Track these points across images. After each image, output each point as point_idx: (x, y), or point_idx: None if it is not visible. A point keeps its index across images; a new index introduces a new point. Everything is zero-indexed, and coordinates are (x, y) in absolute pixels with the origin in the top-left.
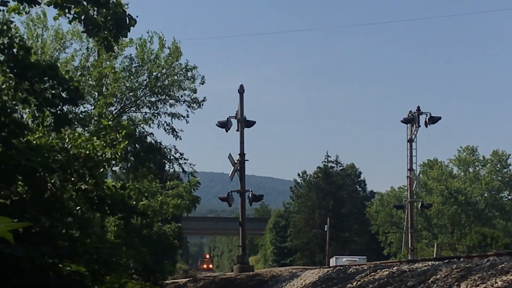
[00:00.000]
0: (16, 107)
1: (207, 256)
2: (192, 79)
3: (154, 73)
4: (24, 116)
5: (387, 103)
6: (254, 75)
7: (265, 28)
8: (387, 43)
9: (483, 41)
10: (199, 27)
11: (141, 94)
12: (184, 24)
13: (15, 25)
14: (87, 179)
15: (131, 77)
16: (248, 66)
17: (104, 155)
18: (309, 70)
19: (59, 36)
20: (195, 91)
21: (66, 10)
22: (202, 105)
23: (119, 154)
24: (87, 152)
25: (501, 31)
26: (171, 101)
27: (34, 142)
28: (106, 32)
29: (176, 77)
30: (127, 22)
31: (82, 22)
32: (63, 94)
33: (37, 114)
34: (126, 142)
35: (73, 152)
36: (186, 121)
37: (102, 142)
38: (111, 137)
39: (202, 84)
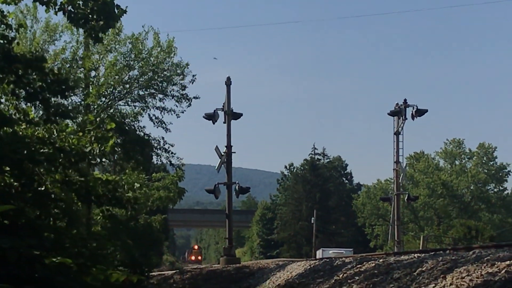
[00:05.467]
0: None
1: (196, 247)
2: (182, 75)
3: (146, 69)
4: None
5: (374, 95)
6: (241, 67)
7: (253, 20)
8: (374, 36)
9: (469, 34)
10: (186, 18)
11: (131, 88)
12: (171, 15)
13: (5, 16)
14: (73, 171)
15: (123, 71)
16: (236, 58)
17: (92, 150)
18: (296, 62)
19: (50, 28)
20: (184, 87)
21: (52, 4)
22: (191, 102)
23: (107, 150)
24: (73, 146)
25: (487, 24)
26: (160, 96)
27: (20, 133)
28: (93, 23)
29: (167, 73)
30: (116, 12)
31: (67, 14)
32: (52, 87)
33: (24, 106)
34: (114, 139)
35: (59, 145)
36: (177, 115)
37: (88, 138)
38: (98, 134)
39: (192, 83)
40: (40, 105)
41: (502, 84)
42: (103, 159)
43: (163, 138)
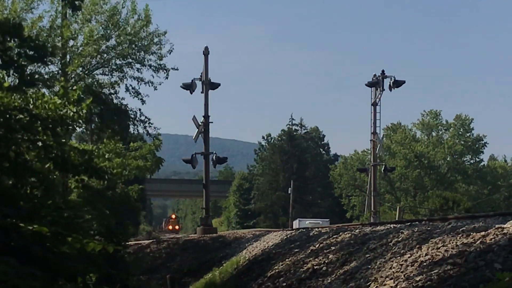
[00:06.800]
0: None
1: (173, 216)
2: (159, 45)
3: (123, 38)
4: None
5: (352, 66)
6: (219, 37)
7: None
8: (353, 7)
9: (447, 6)
10: None
11: (108, 57)
12: None
13: None
14: (49, 138)
15: (100, 40)
16: (214, 27)
17: (67, 112)
18: (275, 33)
19: None
20: (161, 57)
21: None
22: (169, 73)
23: (83, 111)
24: (49, 113)
25: None
26: (138, 65)
27: None
28: None
29: (144, 42)
30: None
31: None
32: (30, 53)
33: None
34: (90, 99)
35: (35, 112)
36: (155, 88)
37: (63, 101)
38: (71, 98)
39: (170, 53)
40: (14, 73)
41: (479, 56)
42: (80, 122)
43: (139, 109)
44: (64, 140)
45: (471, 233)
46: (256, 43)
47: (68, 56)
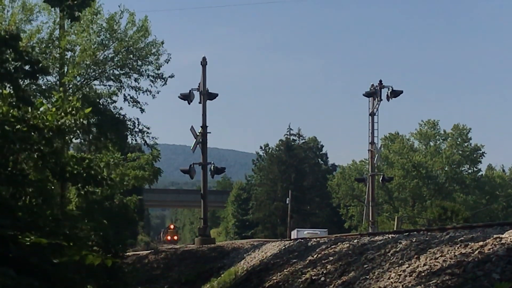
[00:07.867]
0: None
1: (172, 226)
2: (156, 55)
3: (121, 48)
4: None
5: (349, 76)
6: (217, 48)
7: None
8: (350, 16)
9: (443, 15)
10: None
11: (106, 67)
12: None
13: None
14: (46, 148)
15: (98, 50)
16: (212, 38)
17: (66, 122)
18: (273, 43)
19: (26, 8)
20: (158, 67)
21: None
22: (167, 81)
23: (80, 121)
24: (46, 123)
25: (462, 6)
26: (135, 75)
27: None
28: (69, 2)
29: (142, 52)
30: None
31: None
32: (26, 67)
33: None
34: (90, 109)
35: (33, 122)
36: (153, 96)
37: (60, 112)
38: (68, 109)
39: (167, 62)
40: (10, 86)
41: (476, 66)
42: (78, 131)
43: (137, 119)
44: (61, 150)
45: (469, 243)
46: (254, 53)
47: (66, 67)
